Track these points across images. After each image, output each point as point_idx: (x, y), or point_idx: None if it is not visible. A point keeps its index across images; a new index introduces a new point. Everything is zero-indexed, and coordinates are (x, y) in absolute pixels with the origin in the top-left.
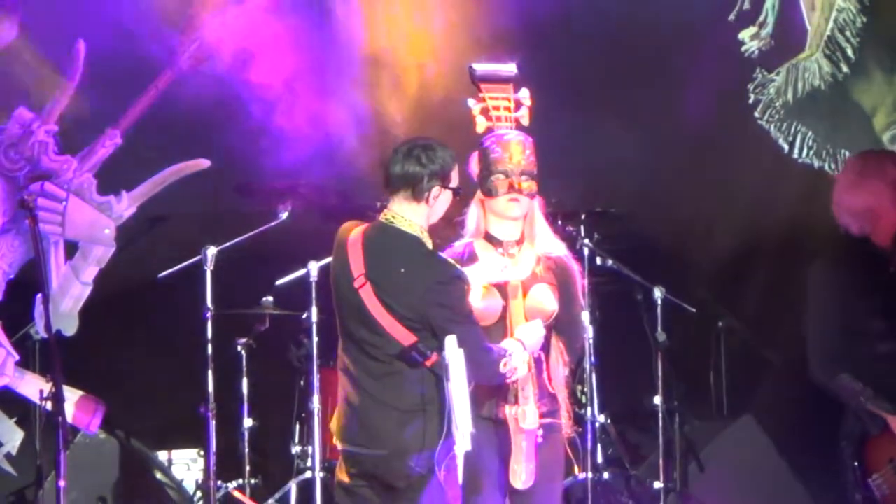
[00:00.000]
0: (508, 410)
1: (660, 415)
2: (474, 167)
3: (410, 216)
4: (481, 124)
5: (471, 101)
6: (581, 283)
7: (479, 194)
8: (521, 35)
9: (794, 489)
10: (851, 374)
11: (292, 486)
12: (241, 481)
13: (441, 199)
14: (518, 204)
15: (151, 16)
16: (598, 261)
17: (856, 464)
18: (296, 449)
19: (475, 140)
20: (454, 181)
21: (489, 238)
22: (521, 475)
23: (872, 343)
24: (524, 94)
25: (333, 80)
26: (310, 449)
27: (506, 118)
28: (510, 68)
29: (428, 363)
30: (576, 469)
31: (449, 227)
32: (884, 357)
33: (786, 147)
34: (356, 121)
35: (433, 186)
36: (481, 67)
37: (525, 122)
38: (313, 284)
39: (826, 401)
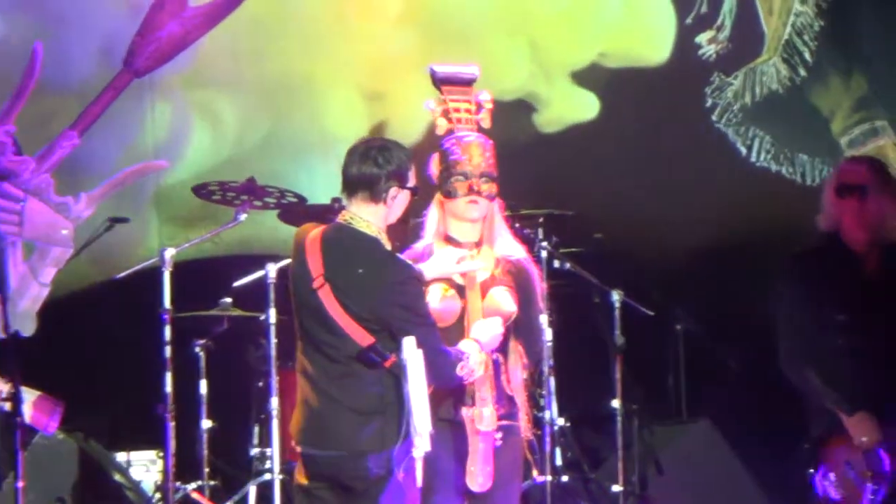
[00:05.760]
0: (466, 412)
1: (618, 418)
2: (434, 169)
3: (368, 217)
4: (442, 126)
5: (431, 103)
6: (540, 285)
7: (438, 196)
8: None
9: (751, 493)
10: (817, 368)
11: (251, 489)
12: (199, 483)
13: (399, 200)
14: (477, 206)
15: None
16: (556, 264)
17: (811, 469)
18: (254, 451)
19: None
20: (411, 181)
21: (448, 240)
22: (478, 477)
23: (837, 337)
24: (485, 96)
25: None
26: (268, 451)
27: (466, 120)
28: (472, 70)
29: (386, 364)
30: (534, 472)
31: (407, 228)
32: (847, 352)
33: (743, 150)
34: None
35: (391, 187)
36: (442, 69)
37: (486, 124)
38: (271, 286)
39: (784, 404)
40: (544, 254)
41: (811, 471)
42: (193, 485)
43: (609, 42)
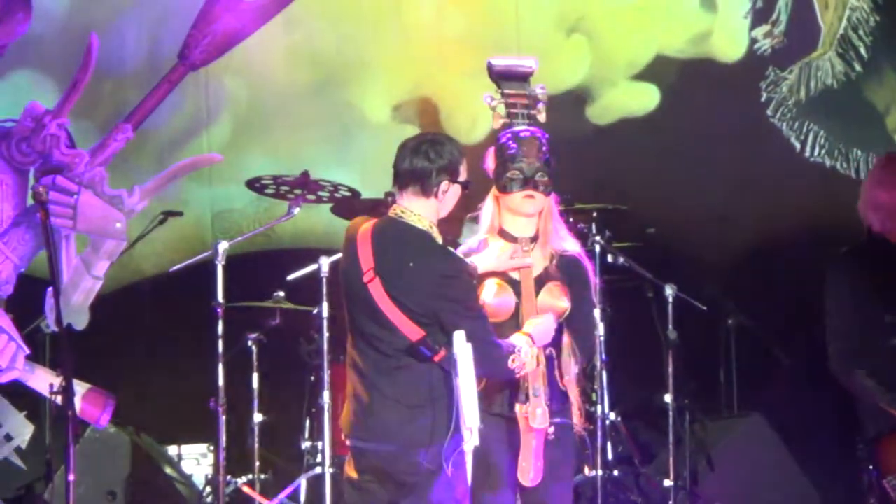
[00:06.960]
0: (519, 408)
1: (670, 412)
2: (490, 163)
3: (419, 211)
4: (498, 120)
5: (488, 97)
6: (594, 281)
7: (494, 190)
8: None
9: (803, 487)
10: (869, 368)
11: (302, 482)
12: (250, 476)
13: (450, 194)
14: (533, 201)
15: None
16: (610, 258)
17: (870, 466)
18: (306, 444)
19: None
20: (462, 175)
21: (503, 234)
22: (530, 472)
23: (888, 337)
24: (542, 90)
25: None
26: (320, 444)
27: (522, 114)
28: (528, 64)
29: (436, 358)
30: (585, 467)
31: (456, 222)
32: None
33: (798, 145)
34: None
35: (441, 181)
36: (499, 63)
37: (542, 118)
38: (324, 280)
39: (836, 399)
40: (598, 248)
41: (870, 469)
42: (244, 478)
43: (680, 35)
